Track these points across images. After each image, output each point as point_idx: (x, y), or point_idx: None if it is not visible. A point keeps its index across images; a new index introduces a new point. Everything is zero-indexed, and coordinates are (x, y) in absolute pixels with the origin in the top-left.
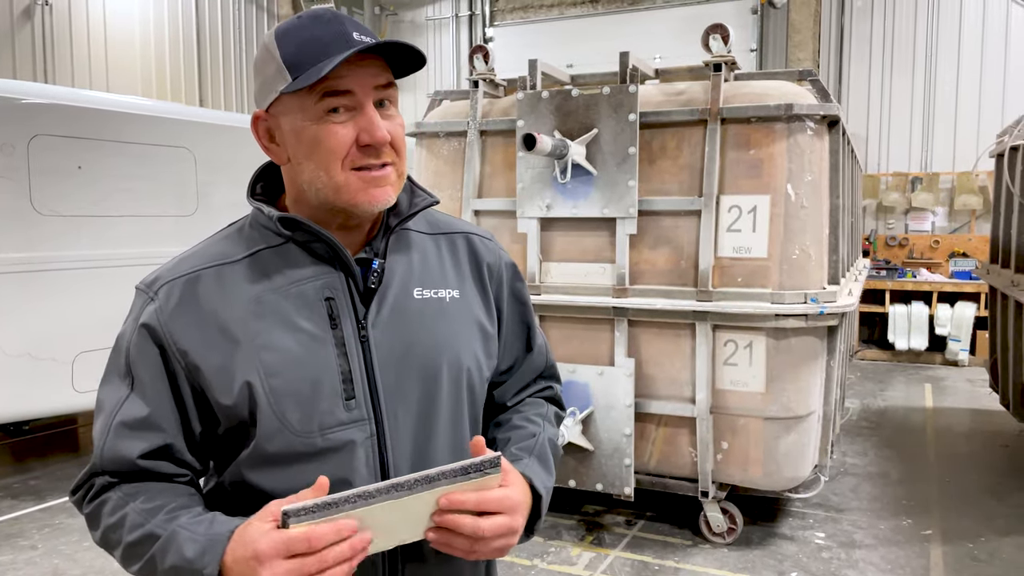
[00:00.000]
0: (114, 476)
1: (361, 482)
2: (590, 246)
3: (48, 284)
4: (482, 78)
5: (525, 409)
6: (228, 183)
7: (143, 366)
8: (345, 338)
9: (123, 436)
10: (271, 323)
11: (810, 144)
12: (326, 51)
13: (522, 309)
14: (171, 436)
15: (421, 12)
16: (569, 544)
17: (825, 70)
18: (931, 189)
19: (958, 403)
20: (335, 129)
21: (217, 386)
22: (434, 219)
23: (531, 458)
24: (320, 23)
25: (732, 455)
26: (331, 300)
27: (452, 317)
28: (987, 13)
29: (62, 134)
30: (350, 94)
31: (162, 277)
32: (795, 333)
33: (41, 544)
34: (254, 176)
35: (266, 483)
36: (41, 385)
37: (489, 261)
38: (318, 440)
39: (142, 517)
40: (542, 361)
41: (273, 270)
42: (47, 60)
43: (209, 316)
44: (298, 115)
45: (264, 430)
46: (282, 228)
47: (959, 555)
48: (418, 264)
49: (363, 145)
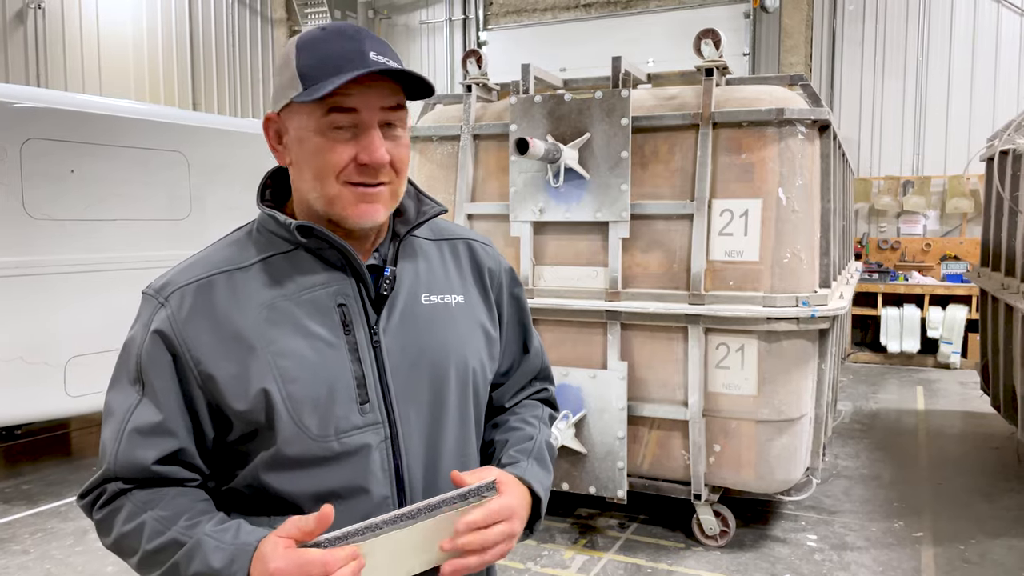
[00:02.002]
0: (127, 482)
1: (376, 483)
2: (583, 250)
3: (41, 288)
4: (475, 82)
5: (522, 411)
6: (221, 187)
7: (155, 372)
8: (358, 344)
9: (136, 442)
10: (285, 329)
11: (801, 148)
12: (339, 67)
13: (520, 312)
14: (184, 441)
15: (415, 16)
16: (562, 547)
17: (817, 74)
18: (923, 193)
19: (950, 406)
20: (335, 145)
21: (231, 393)
22: (436, 225)
23: (529, 460)
24: (342, 38)
25: (724, 458)
26: (343, 306)
27: (459, 322)
28: (978, 17)
29: (55, 138)
30: (355, 112)
31: (172, 282)
32: (787, 336)
33: (33, 549)
34: (263, 181)
35: (283, 486)
36: (33, 389)
37: (490, 266)
38: (335, 444)
39: (162, 524)
40: (538, 363)
41: (285, 276)
42: (40, 63)
43: (223, 323)
44: (304, 124)
45: (283, 435)
46: (299, 236)
47: (950, 557)
48: (424, 271)
49: (361, 164)
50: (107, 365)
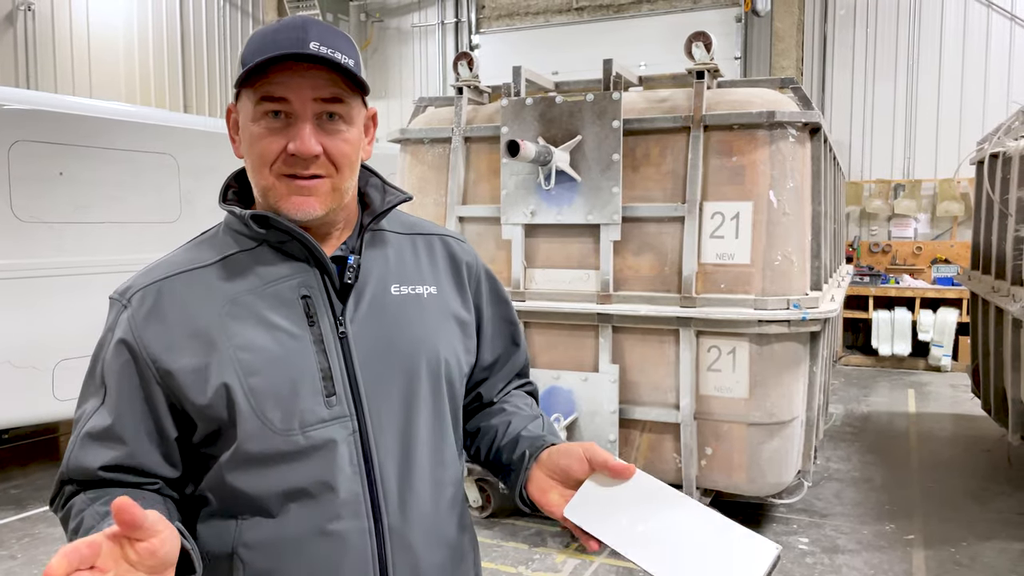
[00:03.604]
0: (79, 485)
1: (344, 480)
2: (574, 252)
3: (29, 291)
4: (466, 85)
5: (514, 399)
6: (212, 190)
7: (113, 375)
8: (323, 335)
9: (87, 447)
10: (247, 323)
11: (792, 151)
12: (268, 53)
13: (504, 307)
14: (133, 447)
15: (407, 19)
16: (554, 551)
17: (808, 78)
18: (913, 196)
19: (941, 408)
20: (267, 134)
21: (191, 388)
22: (408, 220)
23: (553, 436)
24: (288, 29)
25: (716, 461)
26: (307, 298)
27: (430, 312)
28: (967, 21)
29: (43, 140)
30: (286, 102)
31: (134, 285)
32: (778, 339)
33: (21, 554)
34: (226, 182)
35: (248, 486)
36: (21, 393)
37: (467, 261)
38: (300, 439)
39: (93, 520)
40: (524, 359)
41: (247, 271)
42: (29, 65)
43: (182, 320)
44: (245, 113)
45: (245, 431)
46: (256, 227)
47: (941, 559)
48: (394, 261)
49: (290, 154)
50: None
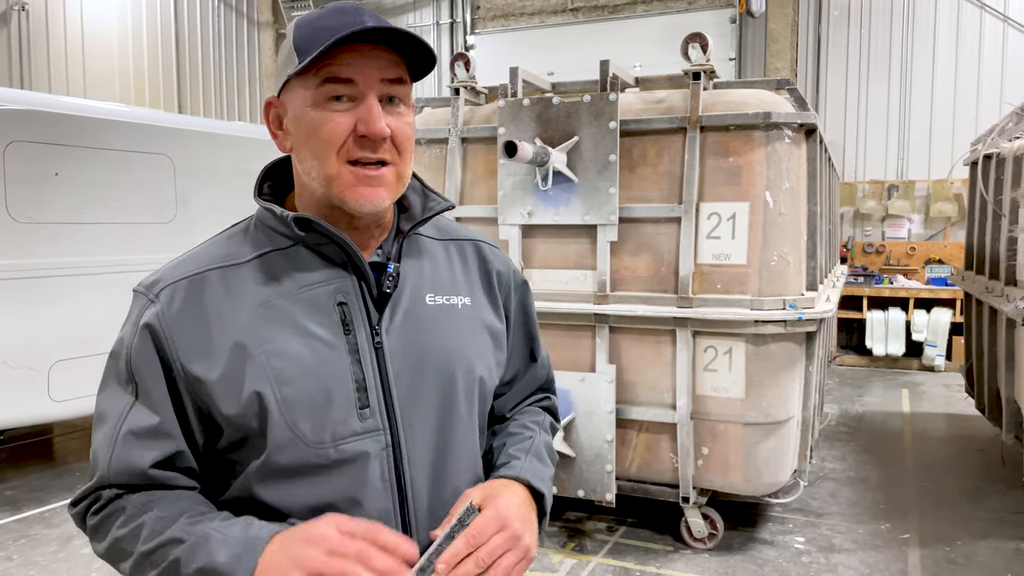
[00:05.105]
0: (123, 488)
1: (374, 495)
2: (571, 253)
3: (24, 292)
4: (463, 86)
5: (521, 417)
6: (207, 190)
7: (147, 372)
8: (359, 345)
9: (132, 445)
10: (281, 329)
11: (788, 152)
12: (334, 35)
13: (527, 320)
14: (181, 444)
15: (402, 20)
16: (551, 551)
17: (803, 79)
18: (907, 197)
19: (935, 408)
20: (333, 116)
21: (221, 396)
22: (443, 224)
23: (528, 457)
24: (340, 14)
25: (712, 460)
26: (344, 305)
27: (465, 324)
28: (961, 22)
29: (38, 140)
30: (352, 83)
31: (163, 279)
32: (774, 339)
33: (17, 555)
34: (261, 175)
35: (276, 498)
36: (16, 394)
37: (499, 268)
38: (331, 451)
39: (162, 524)
40: (544, 374)
41: (282, 273)
42: (23, 65)
43: (214, 321)
44: (302, 99)
45: (275, 441)
46: (296, 229)
47: (936, 558)
48: (429, 270)
49: (360, 136)
50: (91, 369)
